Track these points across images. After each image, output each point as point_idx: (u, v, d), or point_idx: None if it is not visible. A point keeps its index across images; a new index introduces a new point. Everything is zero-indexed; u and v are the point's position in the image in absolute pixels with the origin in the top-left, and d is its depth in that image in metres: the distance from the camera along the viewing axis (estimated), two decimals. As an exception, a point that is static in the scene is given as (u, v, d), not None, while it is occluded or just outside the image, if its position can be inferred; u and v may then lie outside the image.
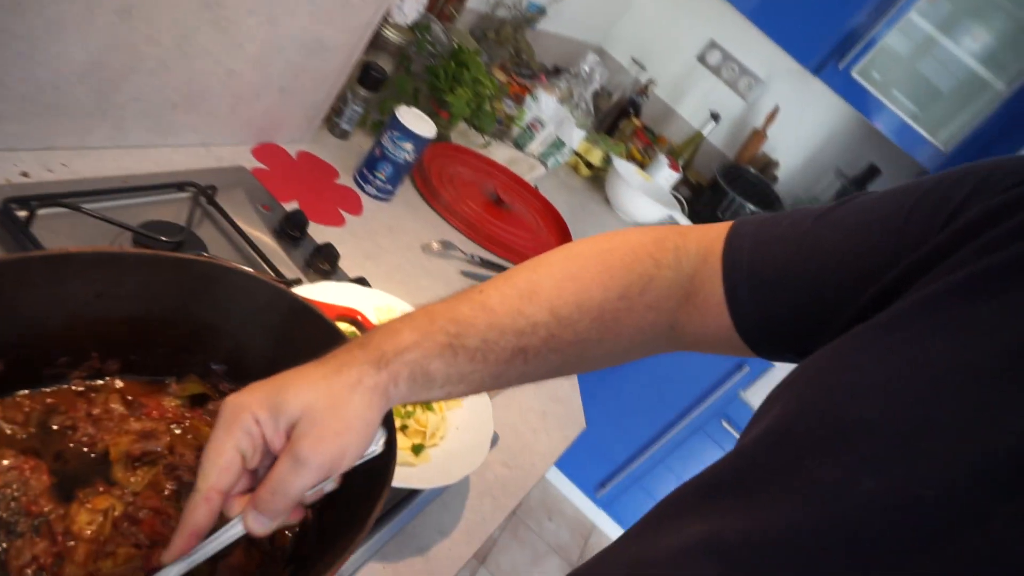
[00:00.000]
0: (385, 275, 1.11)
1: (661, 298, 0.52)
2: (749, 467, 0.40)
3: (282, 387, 0.44)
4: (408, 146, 1.24)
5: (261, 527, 0.44)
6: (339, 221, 1.16)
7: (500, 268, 1.36)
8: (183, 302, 0.62)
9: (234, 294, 0.63)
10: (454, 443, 0.83)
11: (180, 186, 0.93)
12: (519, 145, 1.82)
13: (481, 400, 0.88)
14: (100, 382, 0.61)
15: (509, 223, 1.53)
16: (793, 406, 0.40)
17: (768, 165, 2.49)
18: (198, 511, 0.42)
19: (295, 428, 0.43)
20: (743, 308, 0.49)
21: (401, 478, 0.72)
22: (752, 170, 2.46)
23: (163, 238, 0.81)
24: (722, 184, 2.33)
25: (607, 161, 2.15)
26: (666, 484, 2.37)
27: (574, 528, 2.58)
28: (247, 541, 0.57)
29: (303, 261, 0.99)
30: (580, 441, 1.19)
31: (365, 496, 0.57)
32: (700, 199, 2.40)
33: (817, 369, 0.40)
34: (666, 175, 2.24)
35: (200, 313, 0.63)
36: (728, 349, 0.52)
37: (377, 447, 0.49)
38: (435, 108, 1.46)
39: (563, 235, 1.64)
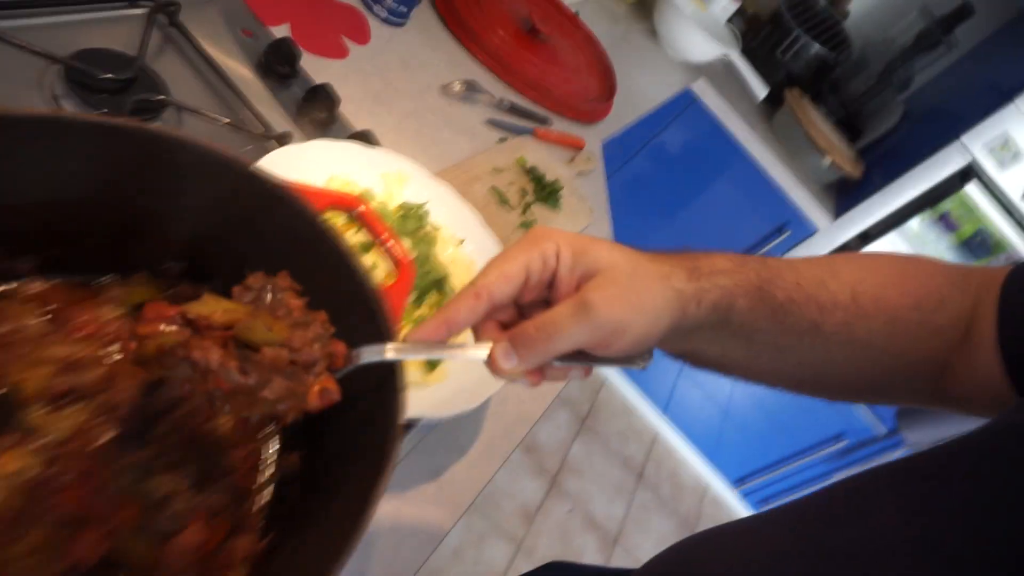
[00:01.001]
0: (396, 126, 0.92)
1: (949, 323, 0.48)
2: (989, 455, 0.33)
3: (594, 239, 0.43)
4: (427, -44, 0.99)
5: (508, 363, 0.41)
6: (340, 52, 0.94)
7: (533, 117, 1.15)
8: (119, 180, 0.45)
9: (190, 176, 0.46)
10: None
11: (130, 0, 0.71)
12: (559, -41, 1.52)
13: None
14: (9, 286, 0.45)
15: (545, 59, 1.29)
16: None
17: (841, -3, 2.15)
18: (463, 302, 0.41)
19: (591, 280, 0.42)
20: (1014, 324, 0.44)
21: (413, 404, 0.59)
22: (822, 2, 2.12)
23: (106, 74, 0.62)
24: (786, 18, 2.02)
25: (658, -16, 1.84)
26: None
27: (584, 380, 2.55)
28: (208, 512, 0.44)
29: (294, 107, 0.79)
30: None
31: (371, 434, 0.44)
32: (758, 35, 2.09)
33: None
34: (723, 4, 1.93)
35: (146, 197, 0.47)
36: (989, 402, 0.45)
37: (643, 362, 0.45)
38: (461, -94, 1.17)
39: (605, 76, 1.40)
